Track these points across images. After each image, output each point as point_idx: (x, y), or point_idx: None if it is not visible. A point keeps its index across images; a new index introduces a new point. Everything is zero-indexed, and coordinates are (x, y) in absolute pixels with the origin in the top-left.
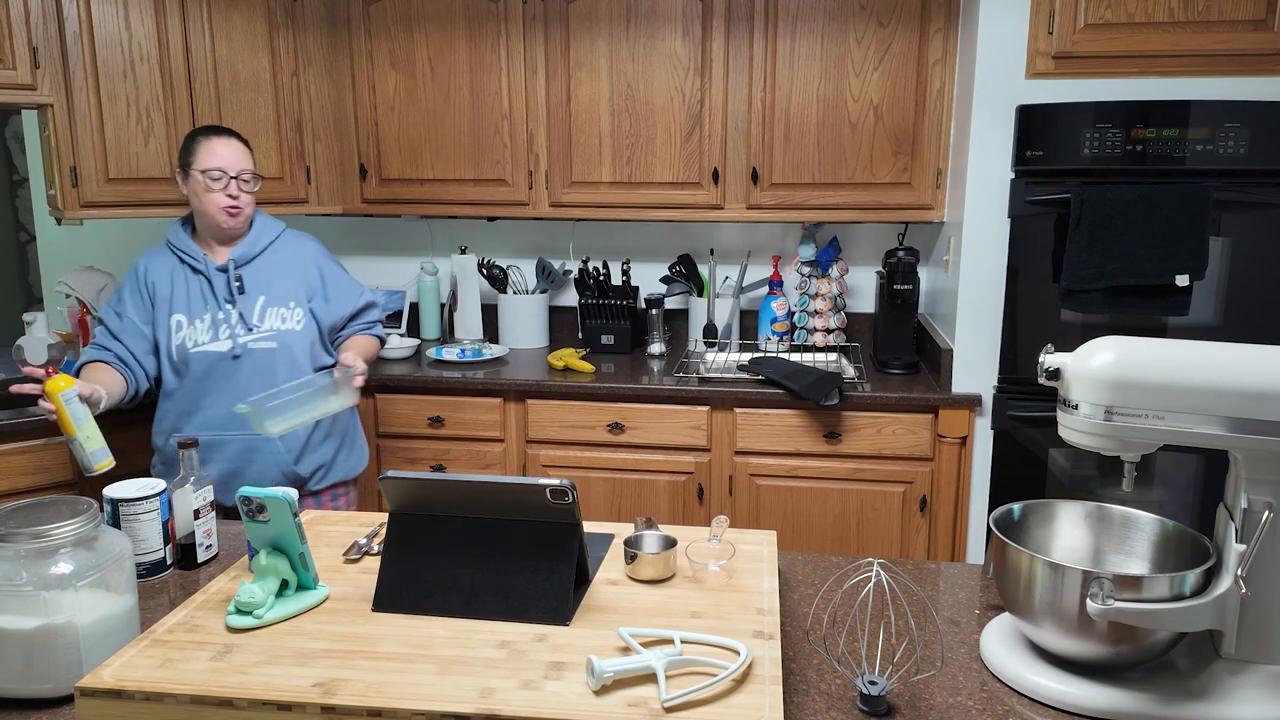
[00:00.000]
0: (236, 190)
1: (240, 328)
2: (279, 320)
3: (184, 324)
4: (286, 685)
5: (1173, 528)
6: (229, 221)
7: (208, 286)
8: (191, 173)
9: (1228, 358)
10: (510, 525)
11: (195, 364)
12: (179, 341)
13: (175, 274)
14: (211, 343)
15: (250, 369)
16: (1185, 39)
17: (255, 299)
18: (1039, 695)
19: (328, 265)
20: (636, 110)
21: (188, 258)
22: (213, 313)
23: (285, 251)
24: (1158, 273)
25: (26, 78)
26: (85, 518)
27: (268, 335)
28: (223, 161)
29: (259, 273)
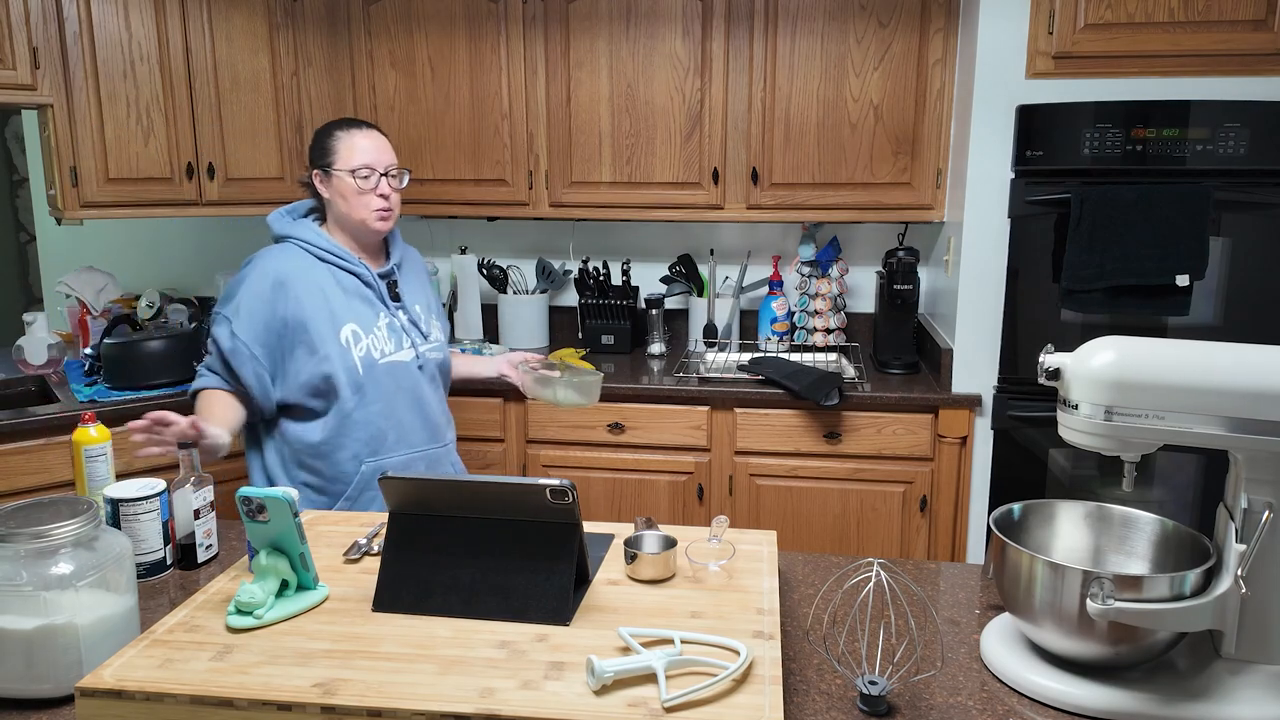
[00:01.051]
0: (387, 188)
1: (416, 335)
2: (438, 330)
3: (360, 334)
4: (286, 685)
5: (1173, 528)
6: (382, 226)
7: (369, 293)
8: (334, 173)
9: (1228, 358)
10: (510, 525)
11: (383, 377)
12: (361, 354)
13: (323, 280)
14: (399, 352)
15: (428, 380)
16: (1185, 39)
17: (413, 306)
18: (1039, 695)
19: (432, 281)
20: (636, 110)
21: (336, 260)
22: (387, 320)
23: (410, 259)
24: (1158, 273)
25: (26, 78)
26: (85, 518)
27: (437, 345)
28: (370, 157)
29: (406, 279)
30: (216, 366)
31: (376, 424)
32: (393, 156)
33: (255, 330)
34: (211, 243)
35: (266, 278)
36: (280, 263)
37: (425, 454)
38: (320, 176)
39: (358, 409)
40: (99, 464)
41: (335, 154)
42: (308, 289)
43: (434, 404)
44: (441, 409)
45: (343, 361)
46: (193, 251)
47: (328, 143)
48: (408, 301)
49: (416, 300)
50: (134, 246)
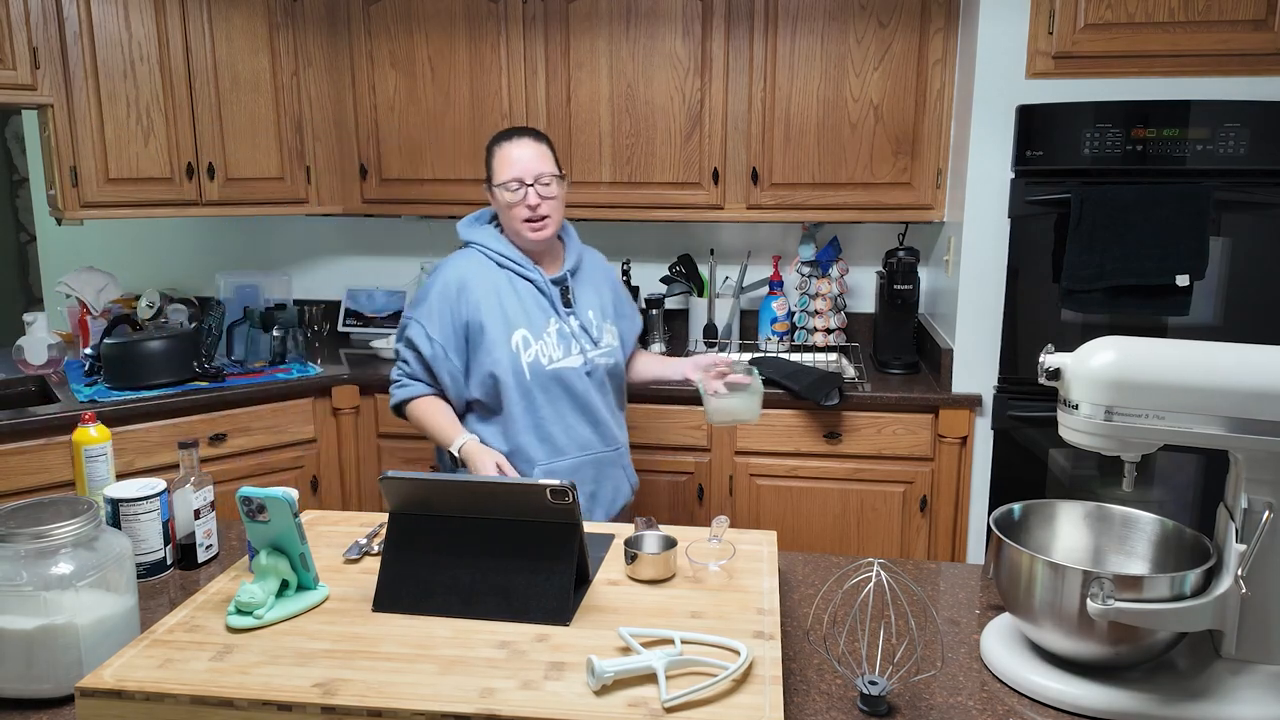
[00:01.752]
0: (536, 198)
1: (586, 341)
2: (611, 336)
3: (529, 339)
4: (287, 685)
5: (1173, 528)
6: (535, 236)
7: (542, 298)
8: (493, 187)
9: (1228, 358)
10: (510, 525)
11: (551, 383)
12: (530, 359)
13: (500, 284)
14: (566, 358)
15: (597, 386)
16: (1185, 39)
17: (586, 311)
18: (1039, 695)
19: (618, 282)
20: (636, 110)
21: (513, 265)
22: (558, 326)
23: (588, 262)
24: (1158, 273)
25: (26, 78)
26: (85, 518)
27: (607, 350)
28: (517, 169)
29: (581, 284)
30: (419, 373)
31: (545, 428)
32: (545, 165)
33: (446, 333)
34: (211, 243)
35: (450, 282)
36: (462, 267)
37: (595, 457)
38: (488, 192)
39: (526, 413)
40: (99, 464)
41: (492, 169)
42: (485, 293)
43: (603, 409)
44: (612, 414)
45: (512, 366)
46: (193, 251)
47: (488, 158)
48: (581, 307)
49: (591, 305)
50: (134, 246)
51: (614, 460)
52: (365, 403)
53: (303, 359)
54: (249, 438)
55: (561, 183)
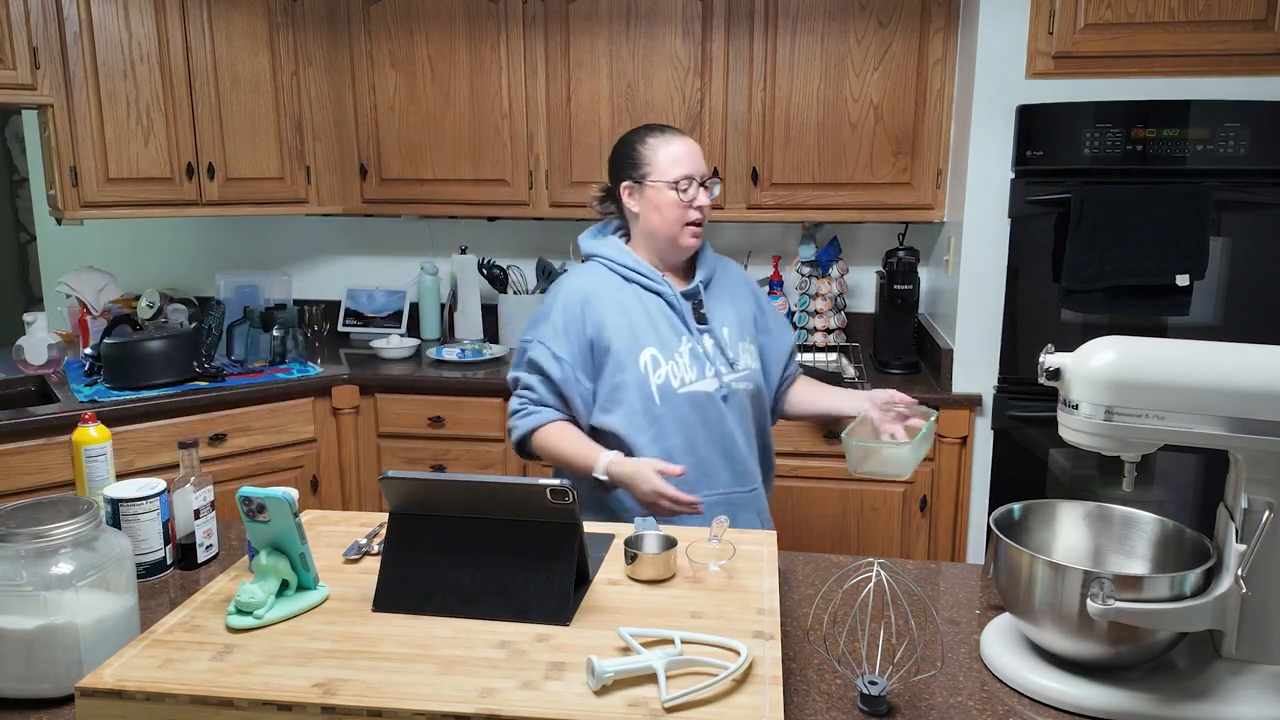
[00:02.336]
0: (706, 198)
1: (721, 363)
2: (749, 357)
3: (659, 359)
4: (287, 685)
5: (1173, 528)
6: (694, 242)
7: (673, 314)
8: (649, 184)
9: (1228, 358)
10: (510, 525)
11: (683, 407)
12: (660, 380)
13: (627, 299)
14: (700, 381)
15: (734, 414)
16: (1185, 39)
17: (721, 329)
18: (1039, 695)
19: (760, 292)
20: (637, 110)
21: (640, 278)
22: (690, 345)
23: (723, 275)
24: (1158, 273)
25: (26, 78)
26: (85, 518)
27: (746, 374)
28: (689, 166)
29: (715, 299)
30: (548, 398)
31: (675, 459)
32: (704, 163)
33: (574, 352)
34: (211, 243)
35: (574, 297)
36: (585, 282)
37: (725, 498)
38: (631, 189)
39: (653, 443)
40: (99, 464)
41: (650, 164)
42: (611, 308)
43: (740, 441)
44: (750, 447)
45: (639, 388)
46: (193, 251)
47: (640, 152)
48: (715, 324)
49: (726, 322)
50: (134, 246)
51: (747, 502)
52: (365, 403)
53: (303, 359)
54: (249, 438)
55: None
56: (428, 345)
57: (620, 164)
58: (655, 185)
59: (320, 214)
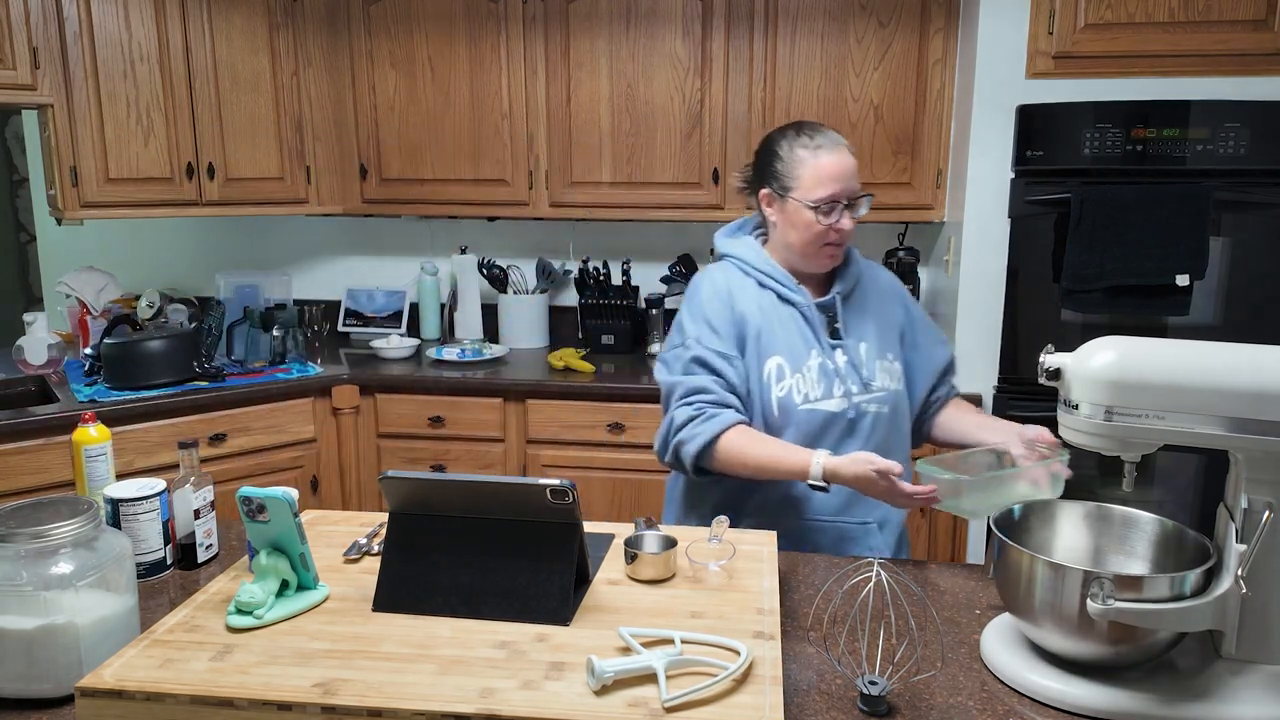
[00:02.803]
0: (850, 222)
1: (853, 382)
2: (888, 376)
3: (785, 371)
4: (287, 685)
5: (1173, 528)
6: (829, 264)
7: (805, 325)
8: (790, 199)
9: (1228, 358)
10: (510, 525)
11: (803, 425)
12: (782, 393)
13: (763, 303)
14: (825, 399)
15: (860, 438)
16: (1185, 39)
17: (858, 347)
18: (1039, 695)
19: (912, 303)
20: (636, 110)
21: (774, 284)
22: (820, 360)
23: (869, 283)
24: (1158, 273)
25: (26, 78)
26: (85, 518)
27: (881, 395)
28: (838, 187)
29: (855, 311)
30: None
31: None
32: (857, 180)
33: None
34: (211, 243)
35: (719, 292)
36: (724, 278)
37: (837, 528)
38: (770, 198)
39: None
40: (99, 464)
41: (794, 179)
42: (751, 310)
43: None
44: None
45: (760, 398)
46: (193, 251)
47: (787, 161)
48: (852, 339)
49: (865, 337)
50: (134, 246)
51: (858, 536)
52: (365, 402)
53: (303, 359)
54: (249, 438)
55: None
56: (428, 345)
57: (764, 167)
58: (796, 202)
59: (320, 214)
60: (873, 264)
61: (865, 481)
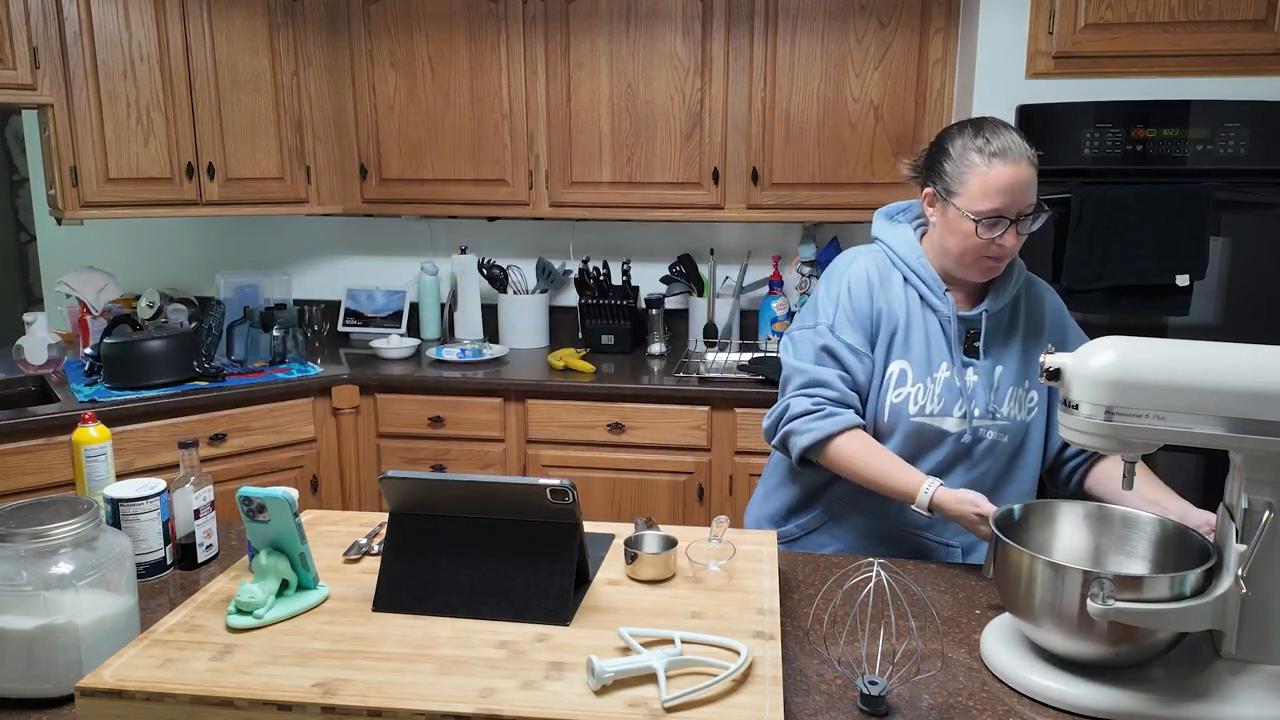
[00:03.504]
0: (1014, 239)
1: (978, 404)
2: (1018, 406)
3: (909, 377)
4: (287, 685)
5: (1173, 528)
6: (987, 277)
7: (942, 336)
8: (953, 204)
9: (1228, 358)
10: (510, 525)
11: (910, 435)
12: (897, 399)
13: (911, 301)
14: (943, 416)
15: (970, 463)
16: (1185, 39)
17: (993, 369)
18: (1039, 695)
19: (1076, 331)
20: (636, 110)
21: (921, 285)
22: (949, 374)
23: (1030, 305)
24: (1158, 273)
25: (26, 78)
26: (85, 518)
27: (1004, 424)
28: (1005, 200)
29: (1003, 331)
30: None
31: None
32: (1031, 194)
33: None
34: (211, 243)
35: (864, 280)
36: (874, 263)
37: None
38: (933, 198)
39: None
40: (99, 464)
41: (962, 184)
42: (893, 306)
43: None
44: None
45: (875, 399)
46: (193, 251)
47: (956, 164)
48: (989, 360)
49: (1005, 362)
50: (134, 246)
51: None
52: (365, 402)
53: (303, 359)
54: (249, 438)
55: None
56: (428, 345)
57: (933, 162)
58: (959, 209)
59: (320, 214)
60: (1040, 283)
61: (967, 522)
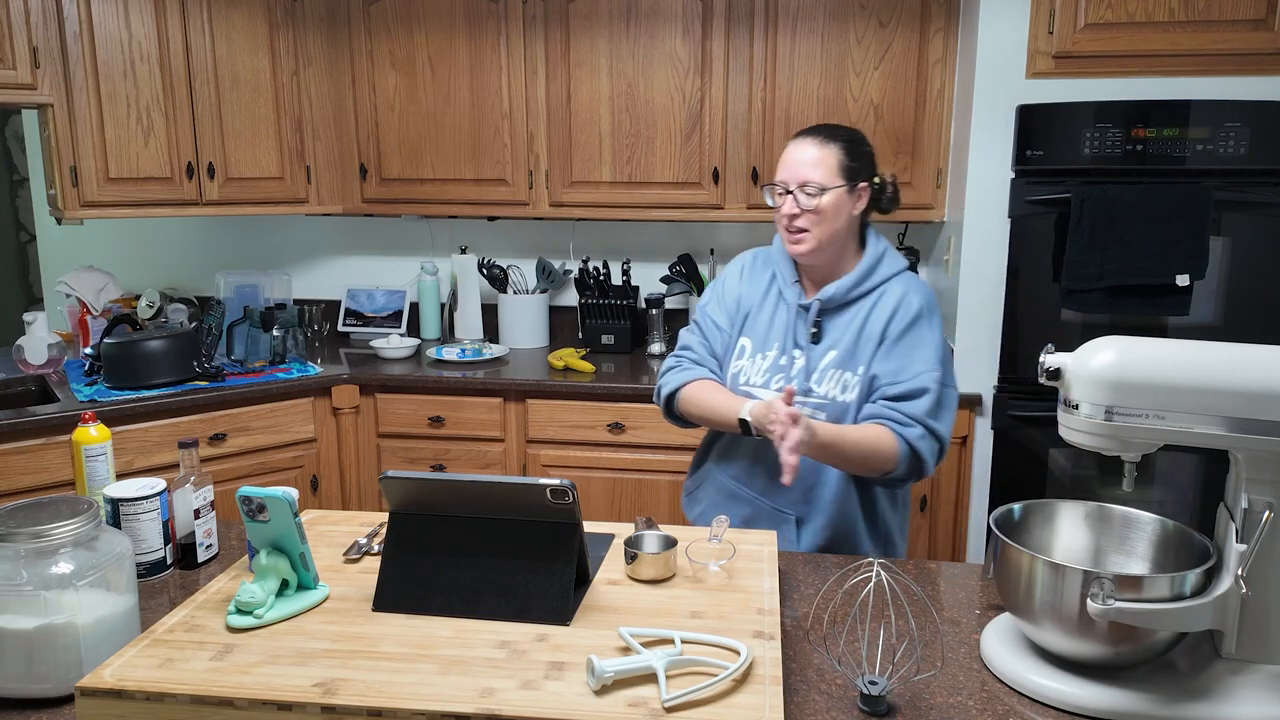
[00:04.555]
0: (793, 206)
1: (797, 384)
2: (839, 387)
3: (747, 351)
4: (287, 685)
5: (1173, 528)
6: (791, 250)
7: (785, 320)
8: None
9: (1228, 358)
10: (510, 525)
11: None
12: (735, 370)
13: (766, 288)
14: (761, 389)
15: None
16: (1185, 39)
17: (824, 354)
18: (1039, 695)
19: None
20: (637, 110)
21: (780, 279)
22: (778, 354)
23: (882, 300)
24: (1158, 272)
25: (26, 77)
26: (85, 518)
27: (820, 403)
28: (785, 171)
29: (843, 321)
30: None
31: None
32: (815, 172)
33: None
34: (211, 243)
35: (737, 267)
36: (752, 258)
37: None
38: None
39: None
40: (99, 464)
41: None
42: (755, 289)
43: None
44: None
45: (726, 369)
46: (193, 251)
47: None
48: (824, 345)
49: (837, 347)
50: (134, 246)
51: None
52: (365, 402)
53: (303, 359)
54: (249, 437)
55: (840, 197)
56: (428, 345)
57: None
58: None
59: (320, 214)
60: (908, 281)
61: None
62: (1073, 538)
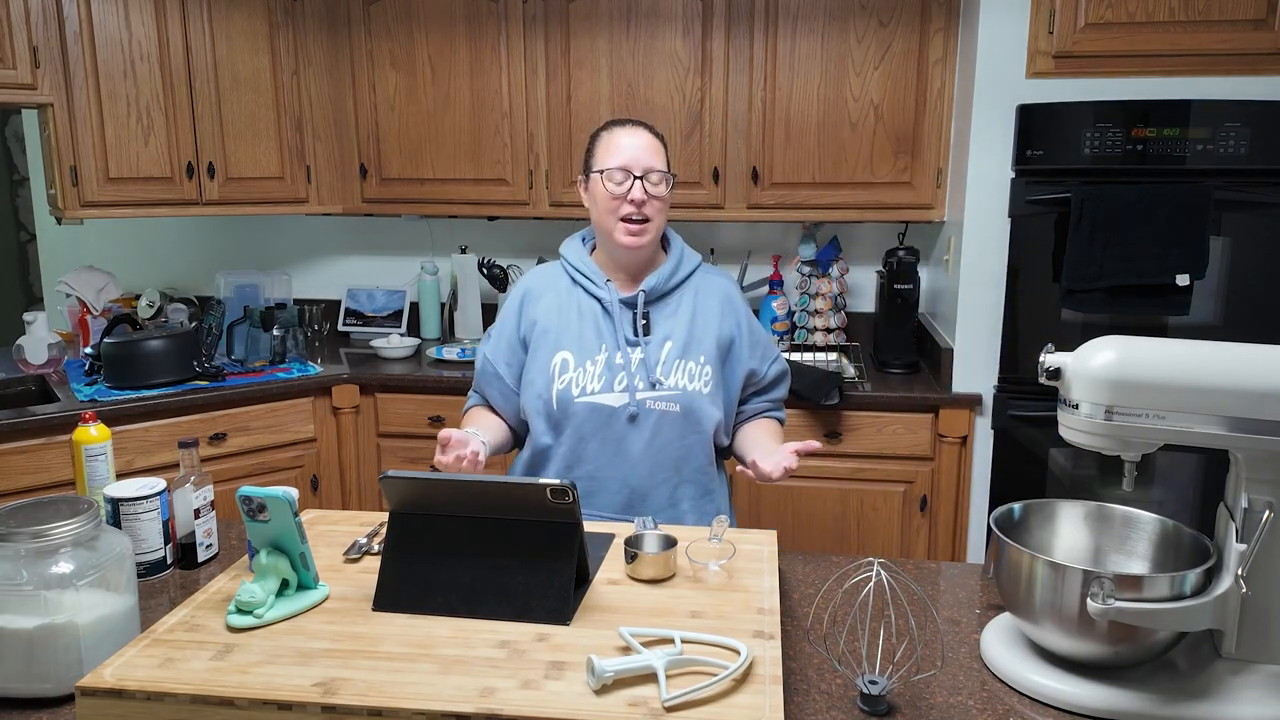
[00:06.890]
0: (641, 193)
1: (641, 379)
2: (686, 377)
3: (570, 364)
4: (287, 685)
5: (1173, 528)
6: (630, 242)
7: (605, 321)
8: (593, 174)
9: (1228, 358)
10: (511, 525)
11: (579, 417)
12: (561, 386)
13: (565, 300)
14: (604, 393)
15: (645, 434)
16: (1185, 39)
17: (661, 346)
18: (1039, 695)
19: (746, 314)
20: (637, 110)
21: (584, 280)
22: (609, 355)
23: (701, 290)
24: (1158, 272)
25: (26, 77)
26: (85, 517)
27: (671, 394)
28: (626, 157)
29: (669, 312)
30: (479, 386)
31: (572, 468)
32: (657, 160)
33: (500, 347)
34: (211, 243)
35: (515, 297)
36: (536, 278)
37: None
38: (582, 182)
39: (553, 447)
40: (99, 463)
41: (596, 156)
42: (548, 308)
43: (643, 464)
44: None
45: (543, 390)
46: (193, 251)
47: (593, 143)
48: (657, 337)
49: (672, 337)
50: (134, 246)
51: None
52: (365, 402)
53: (303, 358)
54: (249, 437)
55: (671, 186)
56: (428, 345)
57: (585, 160)
58: (594, 178)
59: (320, 213)
60: (712, 271)
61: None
62: (1073, 537)
